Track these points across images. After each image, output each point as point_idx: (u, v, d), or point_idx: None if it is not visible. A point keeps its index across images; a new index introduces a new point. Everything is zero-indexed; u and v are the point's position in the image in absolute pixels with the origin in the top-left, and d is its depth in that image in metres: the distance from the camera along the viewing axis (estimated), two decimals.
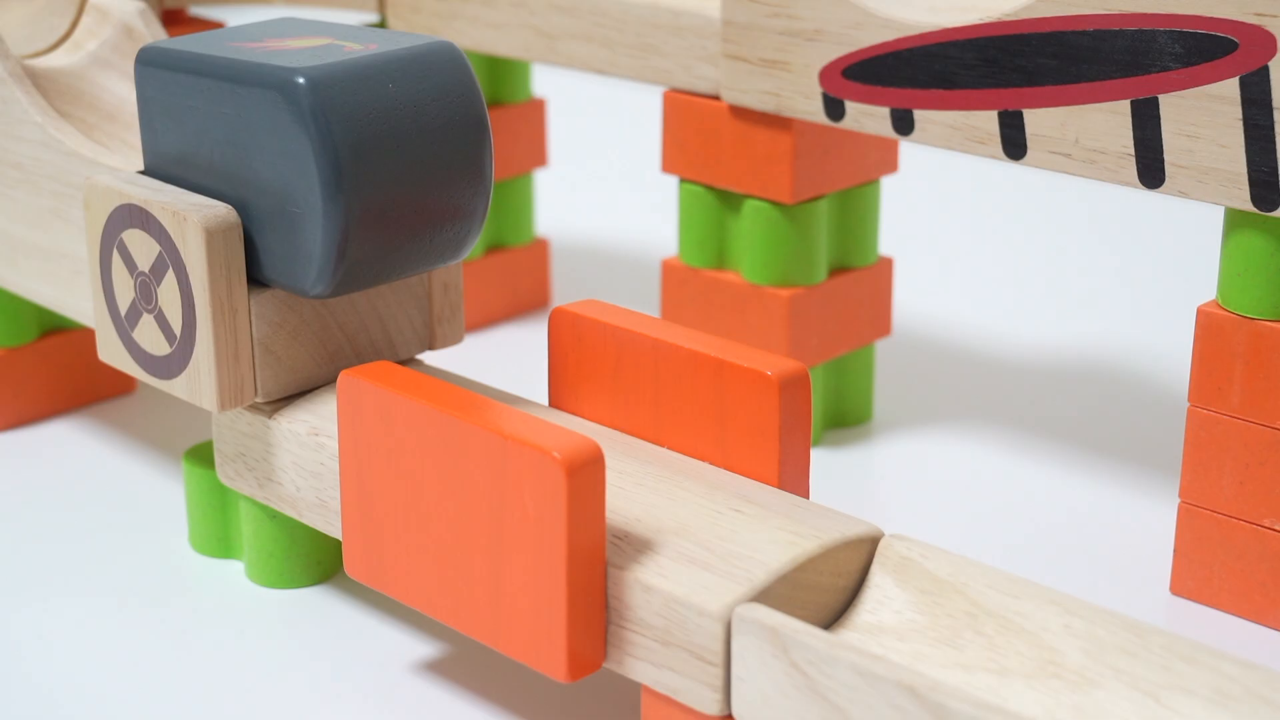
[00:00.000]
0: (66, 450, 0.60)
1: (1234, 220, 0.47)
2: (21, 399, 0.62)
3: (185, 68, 0.47)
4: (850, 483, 0.58)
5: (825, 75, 0.54)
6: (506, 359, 0.69)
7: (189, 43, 0.47)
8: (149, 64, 0.48)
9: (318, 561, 0.51)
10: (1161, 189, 0.48)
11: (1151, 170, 0.48)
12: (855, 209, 0.60)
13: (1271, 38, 0.44)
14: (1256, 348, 0.47)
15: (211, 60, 0.46)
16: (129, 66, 0.57)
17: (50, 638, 0.49)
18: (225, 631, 0.49)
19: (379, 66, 0.45)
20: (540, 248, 0.73)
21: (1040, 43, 0.49)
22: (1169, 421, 0.63)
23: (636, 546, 0.40)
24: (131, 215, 0.47)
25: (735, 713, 0.38)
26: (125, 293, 0.48)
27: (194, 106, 0.46)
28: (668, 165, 0.60)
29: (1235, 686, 0.36)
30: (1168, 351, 0.69)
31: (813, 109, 0.55)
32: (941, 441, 0.61)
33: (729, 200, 0.59)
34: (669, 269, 0.61)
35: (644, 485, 0.43)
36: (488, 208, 0.47)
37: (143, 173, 0.49)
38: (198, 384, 0.47)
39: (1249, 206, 0.46)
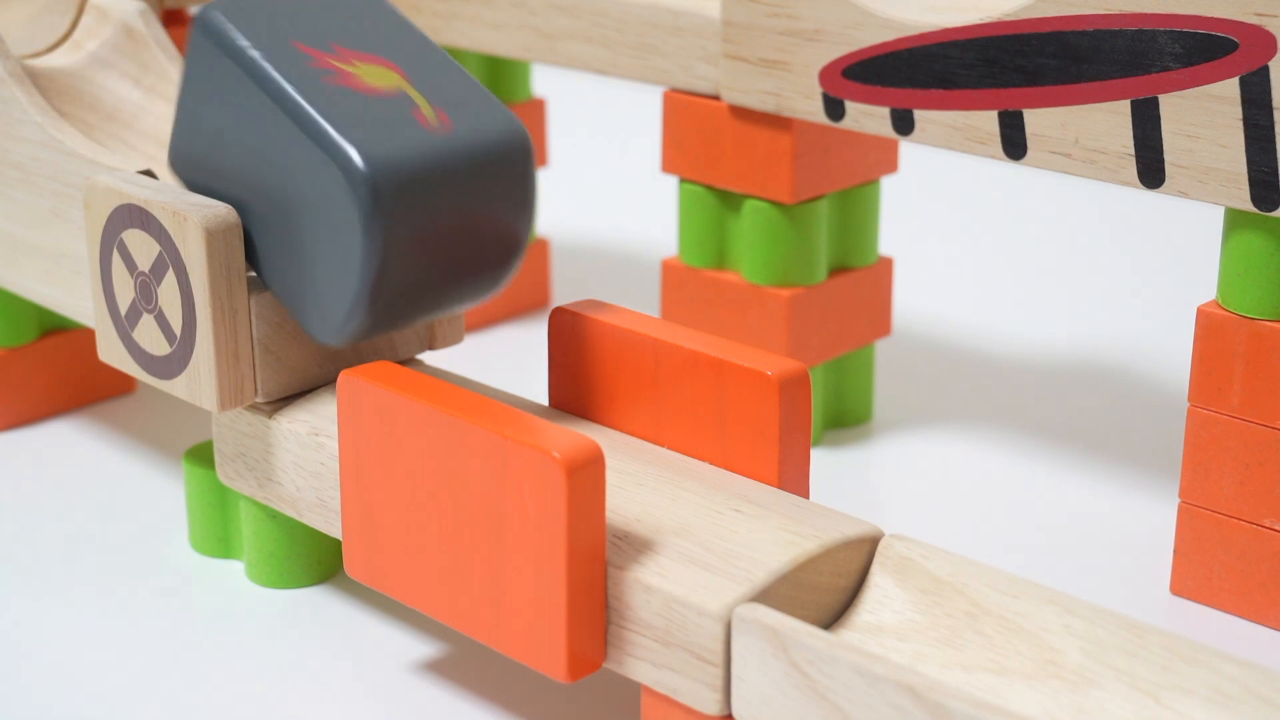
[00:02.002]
0: (66, 450, 0.60)
1: (1234, 220, 0.47)
2: (21, 399, 0.62)
3: (244, 65, 0.44)
4: (850, 483, 0.58)
5: (825, 75, 0.54)
6: (506, 359, 0.69)
7: (254, 27, 0.45)
8: (209, 37, 0.44)
9: (318, 561, 0.51)
10: (1161, 189, 0.48)
11: (1151, 170, 0.48)
12: (855, 209, 0.60)
13: (1271, 38, 0.44)
14: (1256, 348, 0.47)
15: (271, 78, 0.43)
16: (129, 66, 0.57)
17: (50, 637, 0.49)
18: (225, 631, 0.49)
19: (448, 164, 0.43)
20: (540, 248, 0.73)
21: (1040, 43, 0.49)
22: (1169, 421, 0.63)
23: (636, 546, 0.40)
24: (131, 215, 0.47)
25: (735, 713, 0.38)
26: (125, 293, 0.48)
27: (240, 105, 0.44)
28: (668, 165, 0.60)
29: (1235, 686, 0.36)
30: (1168, 351, 0.69)
31: (813, 109, 0.55)
32: (941, 441, 0.61)
33: (729, 200, 0.59)
34: (669, 269, 0.61)
35: (644, 485, 0.43)
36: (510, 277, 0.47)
37: (163, 164, 0.48)
38: (198, 384, 0.47)
39: (1249, 206, 0.46)
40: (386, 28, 0.46)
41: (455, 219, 0.43)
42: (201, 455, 0.52)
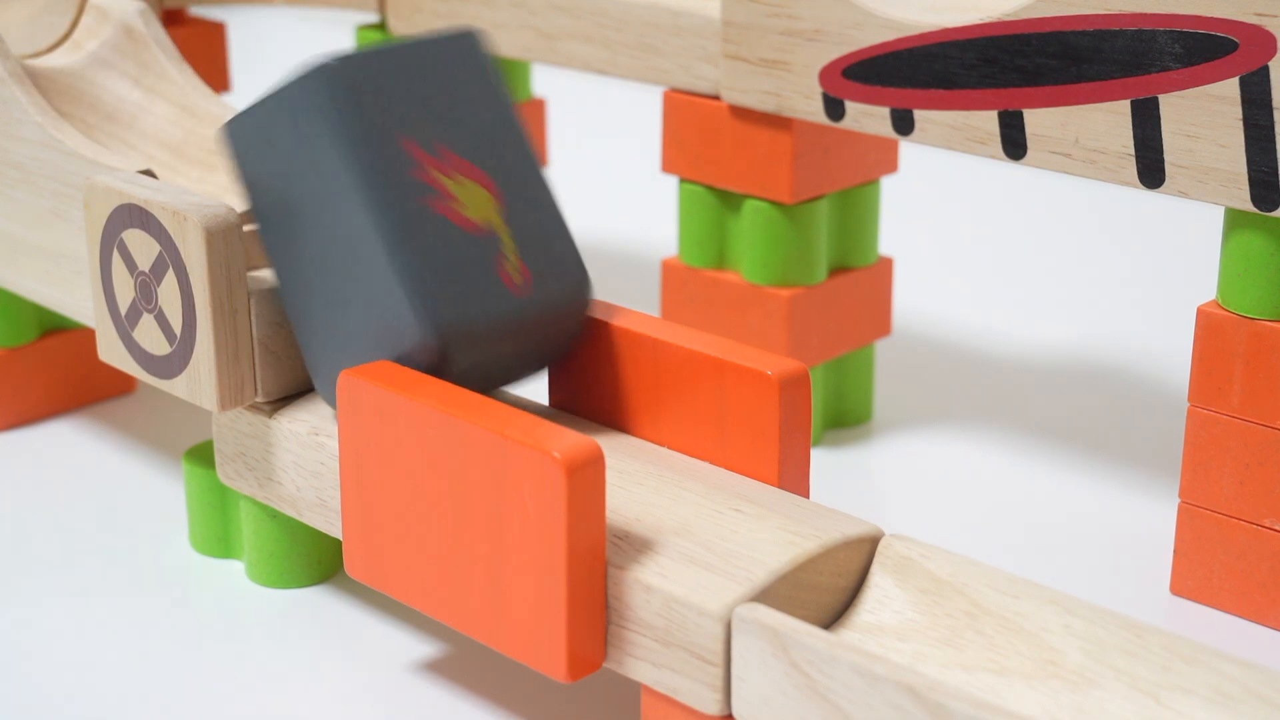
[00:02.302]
0: (66, 450, 0.60)
1: (1234, 220, 0.47)
2: (21, 399, 0.62)
3: (347, 152, 0.42)
4: (850, 483, 0.58)
5: (825, 75, 0.54)
6: None
7: (367, 108, 0.43)
8: (320, 100, 0.43)
9: (318, 561, 0.51)
10: (1161, 189, 0.48)
11: (1151, 170, 0.48)
12: (855, 209, 0.60)
13: (1271, 38, 0.44)
14: (1256, 348, 0.47)
15: (371, 189, 0.42)
16: (129, 66, 0.57)
17: (50, 637, 0.49)
18: (225, 631, 0.49)
19: (518, 324, 0.43)
20: None
21: (1040, 43, 0.49)
22: (1169, 421, 0.63)
23: (636, 546, 0.40)
24: (131, 215, 0.47)
25: (735, 713, 0.38)
26: (125, 292, 0.48)
27: (327, 175, 0.43)
28: (668, 165, 0.60)
29: (1235, 686, 0.36)
30: (1168, 351, 0.69)
31: (813, 109, 0.55)
32: (941, 441, 0.61)
33: (729, 200, 0.59)
34: (669, 269, 0.61)
35: (644, 485, 0.43)
36: None
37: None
38: (198, 384, 0.47)
39: (1249, 206, 0.46)
40: (492, 121, 0.45)
41: (512, 358, 0.44)
42: (201, 455, 0.52)
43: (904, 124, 0.53)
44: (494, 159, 0.44)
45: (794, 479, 0.44)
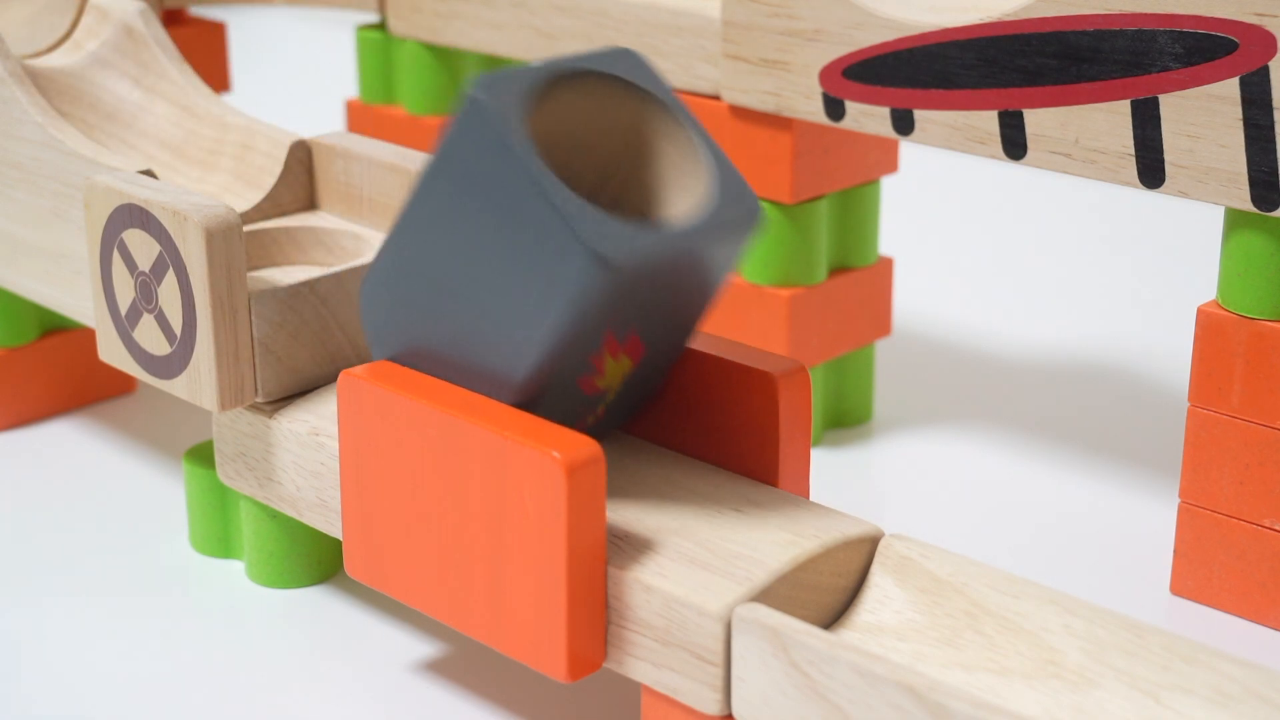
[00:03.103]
0: (66, 450, 0.60)
1: (1234, 220, 0.47)
2: (21, 399, 0.62)
3: (556, 326, 0.39)
4: (850, 483, 0.58)
5: (825, 75, 0.54)
6: None
7: (602, 304, 0.38)
8: (572, 267, 0.37)
9: (318, 561, 0.51)
10: (1161, 189, 0.48)
11: (1151, 170, 0.48)
12: (855, 209, 0.60)
13: (1271, 38, 0.44)
14: (1256, 348, 0.47)
15: (551, 356, 0.39)
16: (129, 66, 0.57)
17: (50, 637, 0.49)
18: (225, 631, 0.49)
19: None
20: None
21: (1040, 43, 0.49)
22: (1169, 421, 0.63)
23: (636, 546, 0.40)
24: (132, 215, 0.47)
25: (735, 713, 0.38)
26: (125, 292, 0.48)
27: (518, 299, 0.39)
28: None
29: (1235, 686, 0.36)
30: (1168, 351, 0.69)
31: (813, 109, 0.55)
32: (941, 441, 0.61)
33: None
34: None
35: (644, 485, 0.43)
36: None
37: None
38: (198, 384, 0.47)
39: (1249, 206, 0.46)
40: (692, 304, 0.41)
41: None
42: (201, 455, 0.52)
43: (904, 124, 0.53)
44: (663, 335, 0.42)
45: (794, 479, 0.44)
